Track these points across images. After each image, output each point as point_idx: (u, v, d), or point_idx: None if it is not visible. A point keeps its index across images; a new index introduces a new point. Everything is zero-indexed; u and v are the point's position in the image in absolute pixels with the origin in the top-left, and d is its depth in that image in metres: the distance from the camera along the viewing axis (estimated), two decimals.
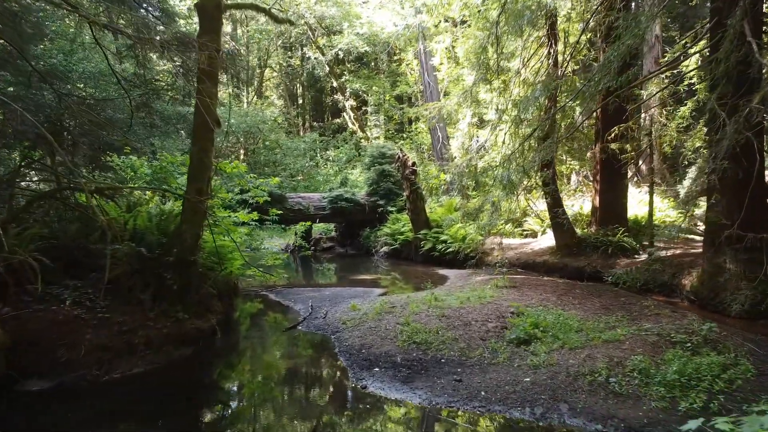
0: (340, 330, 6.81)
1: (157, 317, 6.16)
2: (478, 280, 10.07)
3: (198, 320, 6.66)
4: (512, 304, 7.16)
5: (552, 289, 8.52)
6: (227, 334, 7.01)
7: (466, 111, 12.28)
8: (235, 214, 7.91)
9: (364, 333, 6.43)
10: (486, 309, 7.02)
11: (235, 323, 7.80)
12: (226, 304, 7.77)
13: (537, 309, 6.93)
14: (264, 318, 8.28)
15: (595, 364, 4.93)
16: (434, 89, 18.38)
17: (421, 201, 13.49)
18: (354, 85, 25.70)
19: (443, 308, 7.07)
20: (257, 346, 6.75)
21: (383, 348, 5.86)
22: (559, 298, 7.79)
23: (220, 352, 6.41)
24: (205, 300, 6.95)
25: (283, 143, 23.18)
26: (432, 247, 13.06)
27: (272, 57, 30.27)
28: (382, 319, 6.85)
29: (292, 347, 6.59)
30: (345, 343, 6.22)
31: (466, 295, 7.81)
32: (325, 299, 8.84)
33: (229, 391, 5.45)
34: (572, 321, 6.33)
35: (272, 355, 6.26)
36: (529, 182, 11.01)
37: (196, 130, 6.19)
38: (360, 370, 5.37)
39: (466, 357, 5.53)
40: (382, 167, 16.19)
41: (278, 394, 5.28)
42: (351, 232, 17.60)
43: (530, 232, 13.64)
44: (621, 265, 9.98)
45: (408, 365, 5.38)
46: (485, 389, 4.70)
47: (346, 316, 7.34)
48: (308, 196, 16.64)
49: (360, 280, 11.75)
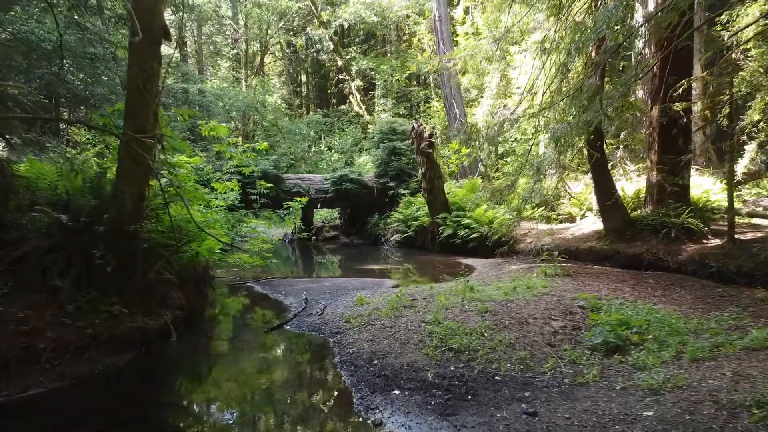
0: (342, 331, 4.92)
1: (78, 312, 4.30)
2: (515, 269, 8.14)
3: (144, 317, 4.79)
4: (578, 296, 5.23)
5: (618, 278, 6.60)
6: (188, 336, 5.14)
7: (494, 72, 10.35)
8: (205, 179, 6.01)
9: (375, 335, 4.54)
10: (543, 302, 5.09)
11: (204, 321, 5.92)
12: (193, 297, 5.89)
13: (613, 302, 4.99)
14: (244, 315, 6.40)
15: (753, 386, 2.99)
16: (450, 63, 16.41)
17: (440, 180, 11.54)
18: (361, 63, 23.63)
19: (483, 301, 5.15)
20: (225, 355, 4.85)
21: (405, 357, 3.96)
22: (634, 289, 5.86)
23: (169, 362, 4.52)
24: (157, 289, 5.08)
25: (282, 126, 21.26)
26: (452, 234, 11.11)
27: (273, 37, 28.39)
28: (401, 316, 4.95)
29: (273, 356, 4.69)
30: (349, 350, 4.33)
31: (510, 285, 5.89)
32: (323, 292, 6.95)
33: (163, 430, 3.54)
34: (672, 319, 4.40)
35: (242, 369, 4.36)
36: (570, 156, 9.09)
37: (135, 45, 4.30)
38: (371, 394, 3.47)
39: (533, 372, 3.62)
40: (393, 144, 14.20)
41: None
42: (357, 218, 15.56)
43: (567, 216, 11.67)
44: (688, 252, 8.02)
45: (445, 386, 3.47)
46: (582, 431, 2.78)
47: (350, 312, 5.46)
48: (309, 177, 14.71)
49: (367, 271, 9.84)
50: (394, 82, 23.15)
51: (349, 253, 13.63)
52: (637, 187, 11.44)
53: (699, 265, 7.51)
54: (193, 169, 6.82)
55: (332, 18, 23.21)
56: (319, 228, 16.40)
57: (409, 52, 24.68)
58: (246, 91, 22.50)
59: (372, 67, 23.25)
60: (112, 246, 4.52)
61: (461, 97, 16.40)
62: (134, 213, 4.59)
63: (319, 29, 24.53)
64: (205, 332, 5.44)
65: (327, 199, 14.22)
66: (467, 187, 12.31)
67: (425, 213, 12.22)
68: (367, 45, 26.73)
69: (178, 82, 18.26)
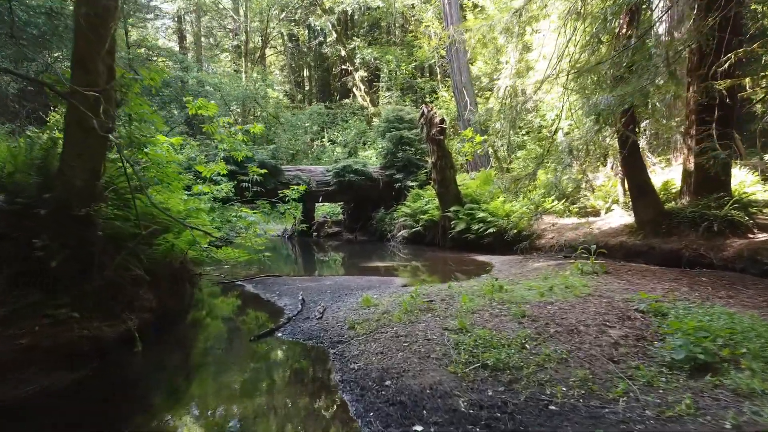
0: (345, 339, 4.00)
1: (13, 317, 3.40)
2: (540, 267, 7.21)
3: (102, 322, 3.90)
4: (631, 298, 4.30)
5: (667, 276, 5.69)
6: (159, 345, 4.24)
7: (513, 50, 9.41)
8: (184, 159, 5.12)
9: (386, 346, 3.62)
10: (590, 305, 4.17)
11: (181, 326, 5.02)
12: (169, 297, 5.00)
13: (677, 305, 4.06)
14: (230, 318, 5.49)
15: None
16: (461, 48, 15.50)
17: (452, 170, 10.58)
18: (365, 51, 22.60)
19: (517, 303, 4.23)
20: (197, 370, 3.93)
21: (426, 377, 3.04)
22: (692, 289, 4.93)
23: (125, 381, 3.60)
24: (120, 289, 4.18)
25: (283, 117, 20.28)
26: (465, 228, 10.17)
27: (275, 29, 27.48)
28: (417, 322, 4.02)
29: (257, 373, 3.77)
30: (353, 365, 3.42)
31: (545, 284, 4.96)
32: (323, 292, 6.04)
33: None
34: (761, 327, 3.47)
35: (215, 391, 3.44)
36: (609, 134, 8.12)
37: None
38: (384, 429, 2.55)
39: (599, 400, 2.70)
40: (400, 133, 13.22)
41: None
42: (361, 213, 14.57)
43: (590, 210, 10.71)
44: (735, 247, 7.12)
45: (484, 420, 2.55)
46: None
47: (354, 316, 4.54)
48: (309, 168, 13.73)
49: (373, 269, 8.92)
50: (399, 74, 22.13)
51: (353, 250, 12.69)
52: (663, 178, 10.53)
53: (749, 262, 6.62)
54: (174, 151, 5.93)
55: (335, 4, 22.20)
56: (320, 223, 15.44)
57: (415, 43, 23.71)
58: (246, 82, 21.57)
59: (377, 56, 22.24)
60: (59, 234, 3.63)
61: (472, 85, 15.45)
62: (86, 193, 3.69)
63: (321, 18, 23.54)
64: (180, 340, 4.52)
65: (329, 193, 13.27)
66: (481, 178, 11.35)
67: (435, 206, 11.27)
68: (371, 36, 25.77)
69: (176, 71, 17.45)
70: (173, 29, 28.43)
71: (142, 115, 4.33)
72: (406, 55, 22.42)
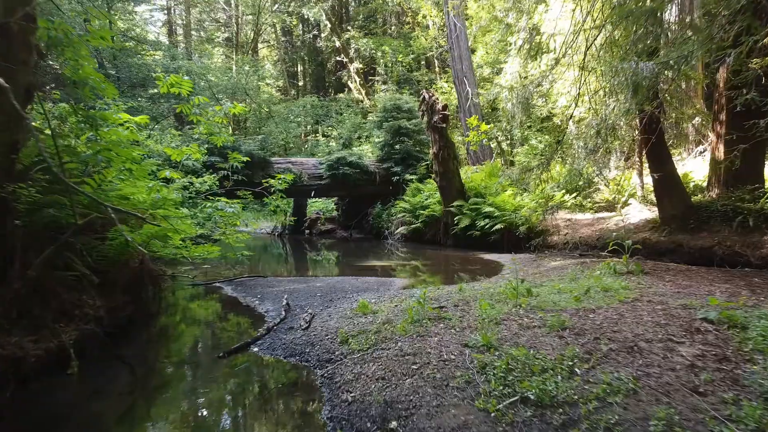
0: (337, 357, 3.16)
1: None
2: (558, 266, 6.39)
3: (24, 336, 3.04)
4: (689, 303, 3.49)
5: (715, 277, 4.89)
6: (102, 363, 3.38)
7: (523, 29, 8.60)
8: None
9: (389, 368, 2.78)
10: (643, 313, 3.34)
11: (136, 340, 4.15)
12: (124, 304, 4.13)
13: (751, 313, 3.24)
14: (200, 328, 4.62)
15: None
16: (462, 35, 14.68)
17: (455, 161, 9.74)
18: (361, 42, 21.67)
19: (552, 311, 3.40)
20: (145, 401, 3.06)
21: (447, 416, 2.21)
22: (754, 293, 4.11)
23: (48, 413, 2.74)
24: (53, 293, 3.32)
25: (273, 109, 19.34)
26: (470, 225, 9.34)
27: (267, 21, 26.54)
28: (427, 335, 3.19)
29: (220, 405, 2.90)
30: (347, 396, 2.58)
31: (579, 287, 4.14)
32: (313, 295, 5.19)
33: None
34: None
35: (165, 430, 2.59)
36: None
37: None
38: None
39: None
40: (398, 123, 12.34)
41: None
42: (357, 209, 13.68)
43: (605, 204, 9.92)
44: None
45: None
46: None
47: (348, 326, 3.70)
48: (300, 161, 12.81)
49: (369, 268, 8.08)
50: (395, 66, 21.23)
51: (348, 248, 11.83)
52: (680, 171, 9.77)
53: None
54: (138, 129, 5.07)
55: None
56: (312, 220, 14.54)
57: (412, 35, 22.84)
58: (236, 74, 20.63)
59: (373, 47, 21.33)
60: None
61: (473, 74, 14.62)
62: (4, 168, 2.83)
63: (315, 7, 22.57)
64: (134, 357, 3.65)
65: (322, 187, 12.36)
66: (486, 170, 10.51)
67: (437, 201, 10.42)
68: (367, 28, 24.87)
69: (165, 60, 16.57)
70: (162, 21, 27.50)
71: (82, 78, 3.47)
72: (404, 47, 21.53)
